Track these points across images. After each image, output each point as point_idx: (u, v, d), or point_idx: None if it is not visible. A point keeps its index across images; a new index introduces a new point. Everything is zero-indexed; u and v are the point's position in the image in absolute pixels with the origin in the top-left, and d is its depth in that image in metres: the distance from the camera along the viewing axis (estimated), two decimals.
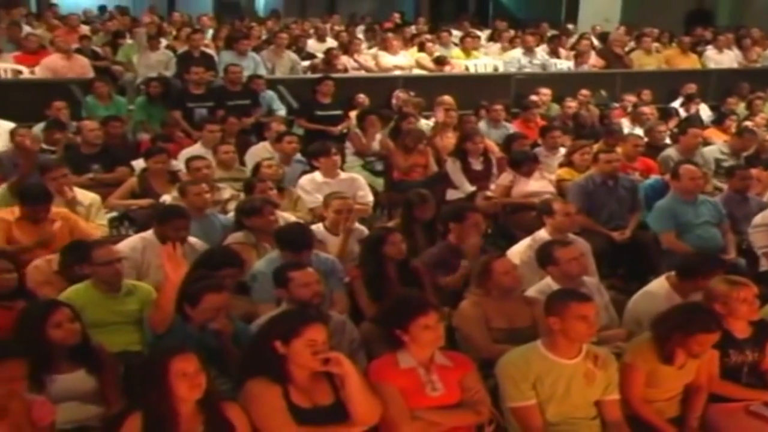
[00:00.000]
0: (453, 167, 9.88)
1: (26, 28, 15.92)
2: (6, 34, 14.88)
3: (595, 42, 17.68)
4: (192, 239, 6.93)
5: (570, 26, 20.13)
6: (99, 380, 4.99)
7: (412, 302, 5.01)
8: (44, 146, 10.03)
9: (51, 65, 12.84)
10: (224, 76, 12.45)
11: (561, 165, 9.97)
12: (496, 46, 17.46)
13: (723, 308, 5.47)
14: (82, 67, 13.04)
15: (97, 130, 9.86)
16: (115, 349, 5.45)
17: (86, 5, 22.20)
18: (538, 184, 9.24)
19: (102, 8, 22.36)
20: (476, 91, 13.30)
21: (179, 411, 4.17)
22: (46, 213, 7.31)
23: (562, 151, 10.35)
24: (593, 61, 15.81)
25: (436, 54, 15.44)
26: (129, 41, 15.55)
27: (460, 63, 15.59)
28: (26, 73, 13.06)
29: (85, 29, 16.91)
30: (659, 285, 6.37)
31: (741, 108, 13.63)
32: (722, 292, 5.52)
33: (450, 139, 10.89)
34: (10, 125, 10.15)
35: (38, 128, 10.28)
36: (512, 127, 11.78)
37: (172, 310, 5.23)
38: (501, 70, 15.52)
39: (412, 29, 18.77)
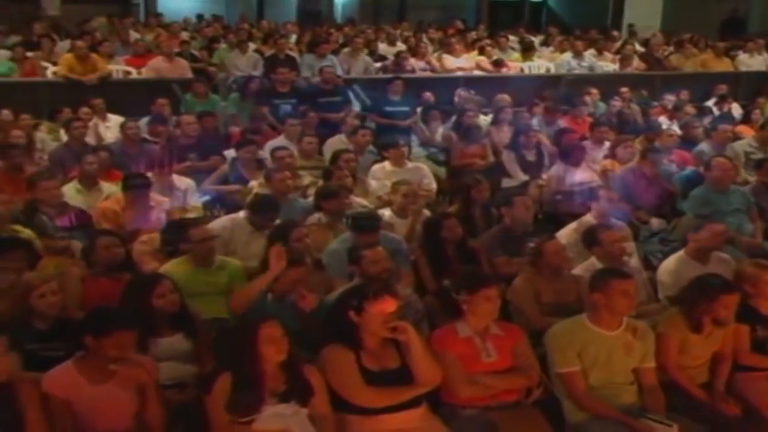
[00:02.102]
0: (508, 158, 9.84)
1: (135, 35, 16.11)
2: (118, 40, 15.08)
3: (637, 46, 17.46)
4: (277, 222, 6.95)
5: (615, 33, 19.85)
6: (194, 343, 5.06)
7: (481, 275, 5.16)
8: (148, 137, 10.21)
9: (155, 67, 12.98)
10: (320, 75, 12.46)
11: (605, 157, 9.89)
12: (548, 50, 17.33)
13: (752, 288, 5.45)
14: (182, 68, 13.15)
15: (194, 123, 10.05)
16: (208, 316, 5.51)
17: (186, 14, 22.37)
18: (585, 175, 9.16)
19: (200, 16, 22.46)
20: (530, 91, 13.19)
21: (265, 371, 4.22)
22: (147, 199, 7.40)
23: (607, 144, 10.24)
24: (636, 64, 15.61)
25: (495, 57, 15.35)
26: (223, 45, 15.65)
27: (516, 65, 15.48)
28: (134, 73, 13.22)
29: (185, 35, 17.04)
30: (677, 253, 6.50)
31: None
32: (752, 274, 5.51)
33: (506, 133, 10.84)
34: (120, 119, 10.36)
35: (143, 122, 10.49)
36: (562, 123, 11.68)
37: (255, 297, 5.33)
38: (552, 71, 15.40)
39: (473, 35, 18.63)
